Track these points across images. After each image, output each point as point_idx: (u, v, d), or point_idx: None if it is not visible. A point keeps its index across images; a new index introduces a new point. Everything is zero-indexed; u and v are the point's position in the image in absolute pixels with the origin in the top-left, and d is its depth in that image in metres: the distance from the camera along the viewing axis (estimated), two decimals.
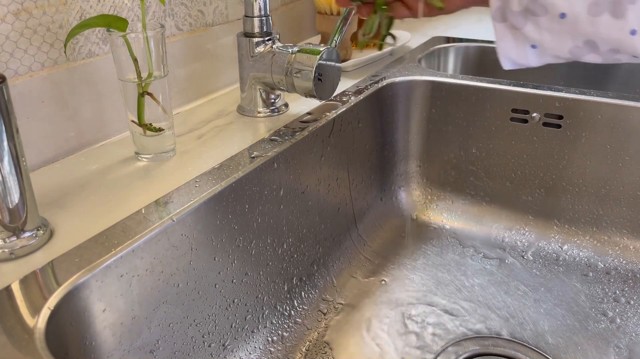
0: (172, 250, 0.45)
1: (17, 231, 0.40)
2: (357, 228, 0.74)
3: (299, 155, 0.60)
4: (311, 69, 0.60)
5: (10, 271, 0.39)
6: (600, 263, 0.71)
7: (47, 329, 0.35)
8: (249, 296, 0.55)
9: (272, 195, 0.57)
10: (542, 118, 0.72)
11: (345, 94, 0.72)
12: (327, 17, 0.83)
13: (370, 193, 0.77)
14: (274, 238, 0.58)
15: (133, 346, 0.43)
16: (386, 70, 0.82)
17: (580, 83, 0.93)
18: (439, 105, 0.78)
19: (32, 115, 0.52)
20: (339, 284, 0.67)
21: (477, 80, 0.76)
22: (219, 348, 0.52)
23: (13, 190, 0.39)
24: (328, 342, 0.59)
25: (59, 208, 0.47)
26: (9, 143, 0.38)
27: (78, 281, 0.38)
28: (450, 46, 0.99)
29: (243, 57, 0.65)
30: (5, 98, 0.37)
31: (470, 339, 0.59)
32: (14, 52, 0.49)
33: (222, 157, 0.56)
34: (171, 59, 0.65)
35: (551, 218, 0.75)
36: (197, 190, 0.49)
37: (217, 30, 0.72)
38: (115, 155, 0.57)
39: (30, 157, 0.53)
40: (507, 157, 0.76)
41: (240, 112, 0.68)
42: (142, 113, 0.53)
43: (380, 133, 0.77)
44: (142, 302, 0.43)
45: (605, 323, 0.61)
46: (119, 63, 0.51)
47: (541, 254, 0.73)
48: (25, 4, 0.49)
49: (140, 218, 0.45)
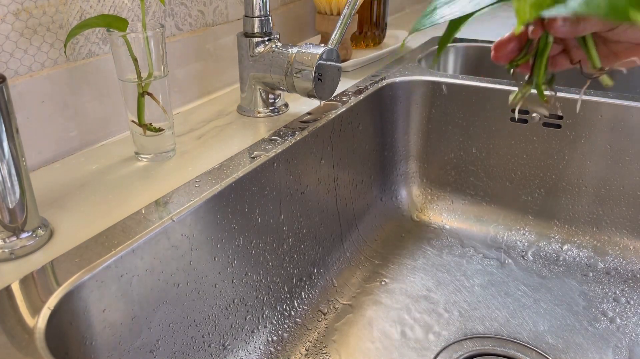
0: (172, 250, 0.45)
1: (17, 231, 0.40)
2: (357, 228, 0.74)
3: (299, 155, 0.60)
4: (311, 69, 0.60)
5: (10, 271, 0.39)
6: (600, 263, 0.71)
7: (47, 329, 0.35)
8: (249, 296, 0.55)
9: (272, 195, 0.57)
10: (542, 118, 0.72)
11: (345, 94, 0.72)
12: (327, 17, 0.83)
13: (370, 193, 0.77)
14: (274, 238, 0.58)
15: (133, 346, 0.43)
16: (386, 70, 0.82)
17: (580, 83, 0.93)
18: (439, 105, 0.78)
19: (32, 115, 0.52)
20: (339, 284, 0.67)
21: (477, 80, 0.76)
22: (219, 348, 0.52)
23: (13, 190, 0.39)
24: (328, 342, 0.59)
25: (59, 208, 0.47)
26: (9, 143, 0.38)
27: (78, 281, 0.38)
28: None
29: (243, 57, 0.65)
30: (5, 98, 0.37)
31: (470, 339, 0.59)
32: (14, 52, 0.49)
33: (222, 157, 0.56)
34: (171, 58, 0.65)
35: (551, 218, 0.75)
36: (197, 190, 0.49)
37: (217, 30, 0.72)
38: (115, 155, 0.57)
39: (30, 157, 0.53)
40: (507, 157, 0.76)
41: (240, 112, 0.68)
42: (142, 113, 0.53)
43: (380, 133, 0.77)
44: (142, 302, 0.43)
45: (605, 323, 0.61)
46: (119, 64, 0.51)
47: (541, 254, 0.73)
48: (25, 4, 0.49)
49: (140, 218, 0.45)
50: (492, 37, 1.04)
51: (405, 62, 0.86)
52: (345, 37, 0.86)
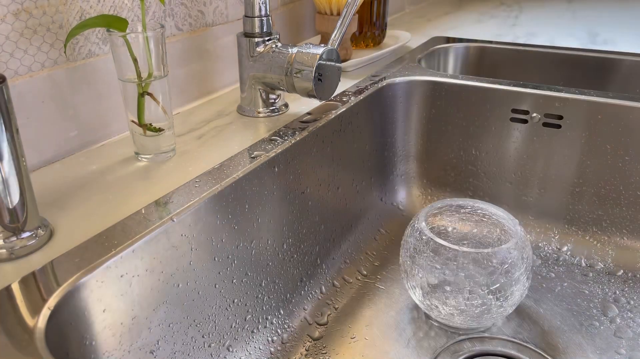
0: (172, 250, 0.45)
1: (17, 231, 0.40)
2: (357, 229, 0.74)
3: (299, 155, 0.60)
4: (311, 69, 0.60)
5: (10, 271, 0.39)
6: (600, 263, 0.71)
7: (47, 329, 0.35)
8: (249, 296, 0.55)
9: (272, 195, 0.57)
10: (542, 118, 0.72)
11: (345, 94, 0.72)
12: (327, 17, 0.83)
13: (370, 194, 0.77)
14: (274, 239, 0.58)
15: (133, 346, 0.43)
16: (386, 70, 0.82)
17: (580, 83, 0.93)
18: (439, 105, 0.78)
19: (32, 115, 0.52)
20: (339, 284, 0.67)
21: (477, 80, 0.76)
22: (219, 348, 0.52)
23: (13, 190, 0.39)
24: (328, 342, 0.59)
25: (59, 208, 0.47)
26: (9, 143, 0.38)
27: (78, 281, 0.38)
28: (450, 46, 0.99)
29: (243, 57, 0.65)
30: (5, 98, 0.37)
31: (470, 339, 0.59)
32: (14, 52, 0.49)
33: (222, 157, 0.56)
34: (171, 59, 0.65)
35: (551, 218, 0.75)
36: (197, 190, 0.49)
37: (217, 30, 0.72)
38: (115, 155, 0.57)
39: (30, 157, 0.53)
40: (507, 157, 0.76)
41: (240, 112, 0.68)
42: (142, 113, 0.53)
43: (380, 133, 0.77)
44: (142, 302, 0.43)
45: (605, 323, 0.61)
46: (119, 64, 0.51)
47: (541, 254, 0.73)
48: (25, 4, 0.49)
49: (140, 218, 0.45)
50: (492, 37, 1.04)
51: (405, 62, 0.86)
52: (345, 37, 0.86)
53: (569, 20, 1.19)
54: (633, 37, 1.03)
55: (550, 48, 0.95)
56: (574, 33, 1.06)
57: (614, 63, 0.91)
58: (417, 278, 0.58)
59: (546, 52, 0.95)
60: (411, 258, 0.58)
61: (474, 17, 1.21)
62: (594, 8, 1.31)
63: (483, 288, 0.55)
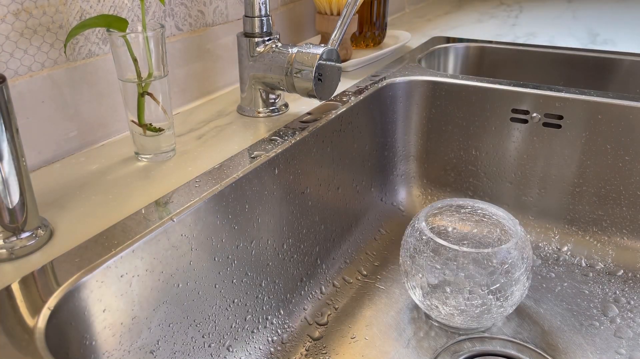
0: (172, 250, 0.45)
1: (17, 231, 0.40)
2: (357, 229, 0.74)
3: (299, 155, 0.60)
4: (311, 69, 0.60)
5: (10, 271, 0.39)
6: (600, 263, 0.71)
7: (47, 329, 0.35)
8: (249, 296, 0.55)
9: (272, 195, 0.57)
10: (542, 118, 0.72)
11: (345, 94, 0.72)
12: (327, 17, 0.83)
13: (370, 194, 0.77)
14: (274, 239, 0.58)
15: (133, 346, 0.43)
16: (386, 70, 0.82)
17: (580, 83, 0.93)
18: (439, 105, 0.78)
19: (32, 115, 0.52)
20: (339, 284, 0.67)
21: (477, 80, 0.76)
22: (219, 348, 0.52)
23: (13, 190, 0.39)
24: (328, 342, 0.59)
25: (59, 208, 0.47)
26: (9, 143, 0.38)
27: (78, 282, 0.38)
28: (450, 46, 0.99)
29: (243, 57, 0.65)
30: (5, 98, 0.37)
31: (471, 339, 0.59)
32: (14, 52, 0.49)
33: (222, 157, 0.56)
34: (171, 59, 0.65)
35: (551, 218, 0.75)
36: (197, 190, 0.49)
37: (217, 30, 0.72)
38: (115, 155, 0.57)
39: (30, 157, 0.53)
40: (507, 157, 0.76)
41: (240, 112, 0.68)
42: (142, 113, 0.53)
43: (380, 133, 0.77)
44: (142, 302, 0.43)
45: (605, 323, 0.61)
46: (119, 64, 0.51)
47: (541, 254, 0.73)
48: (25, 4, 0.49)
49: (140, 218, 0.45)
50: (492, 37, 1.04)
51: (405, 62, 0.86)
52: (345, 37, 0.86)
53: (569, 20, 1.19)
54: (633, 37, 1.03)
55: (550, 48, 0.95)
56: (574, 33, 1.06)
57: (614, 63, 0.91)
58: (417, 278, 0.58)
59: (546, 52, 0.95)
60: (411, 258, 0.58)
61: (474, 17, 1.21)
62: (594, 8, 1.31)
63: (483, 288, 0.55)
